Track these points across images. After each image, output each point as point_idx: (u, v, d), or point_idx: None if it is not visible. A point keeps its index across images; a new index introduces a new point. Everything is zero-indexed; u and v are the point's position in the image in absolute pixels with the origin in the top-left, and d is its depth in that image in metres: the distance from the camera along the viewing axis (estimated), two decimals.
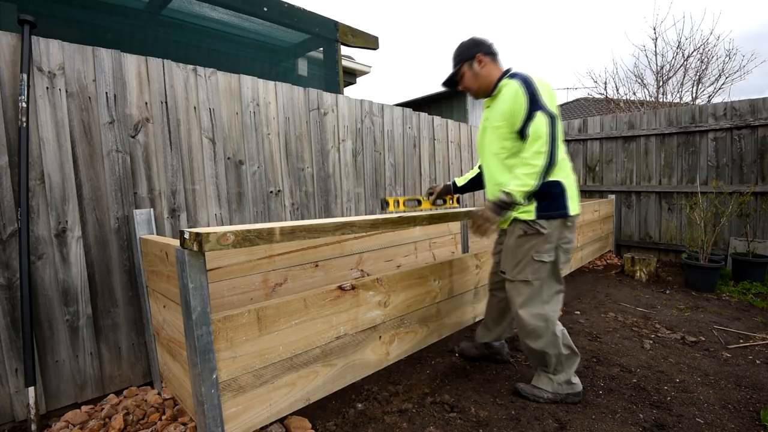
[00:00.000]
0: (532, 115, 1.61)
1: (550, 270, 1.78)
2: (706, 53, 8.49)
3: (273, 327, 1.45)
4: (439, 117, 3.84)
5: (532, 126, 1.61)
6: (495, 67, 1.84)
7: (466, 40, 1.90)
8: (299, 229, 1.33)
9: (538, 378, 1.91)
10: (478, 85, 1.85)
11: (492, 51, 1.85)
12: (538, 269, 1.76)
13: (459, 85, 1.96)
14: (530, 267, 1.77)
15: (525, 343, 1.87)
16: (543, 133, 1.58)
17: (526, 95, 1.64)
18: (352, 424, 1.68)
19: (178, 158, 2.07)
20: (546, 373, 1.87)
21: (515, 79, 1.69)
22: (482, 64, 1.82)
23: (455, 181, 2.33)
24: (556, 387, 1.84)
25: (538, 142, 1.59)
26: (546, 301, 1.80)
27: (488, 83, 1.83)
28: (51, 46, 1.70)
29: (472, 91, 1.90)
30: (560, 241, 1.76)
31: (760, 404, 1.79)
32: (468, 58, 1.84)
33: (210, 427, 1.25)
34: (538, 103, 1.62)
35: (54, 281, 1.71)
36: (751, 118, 4.10)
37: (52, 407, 1.72)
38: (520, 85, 1.66)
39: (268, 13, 3.58)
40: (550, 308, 1.80)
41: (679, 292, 3.62)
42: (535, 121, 1.60)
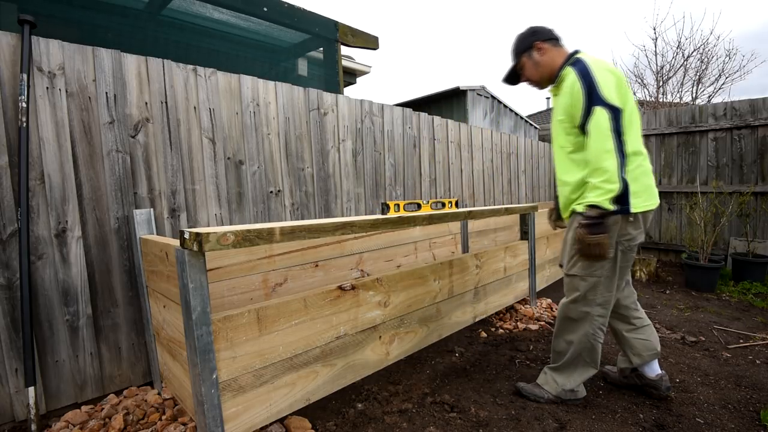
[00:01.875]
0: (591, 110, 1.51)
1: (607, 269, 1.66)
2: (706, 53, 8.50)
3: (273, 327, 1.45)
4: (439, 117, 3.84)
5: (591, 123, 1.50)
6: (558, 52, 1.72)
7: (523, 31, 1.81)
8: (299, 229, 1.33)
9: (543, 377, 1.88)
10: (540, 74, 1.76)
11: (552, 36, 1.74)
12: (591, 264, 1.66)
13: (521, 78, 1.86)
14: (583, 261, 1.68)
15: (557, 332, 1.83)
16: (605, 130, 1.47)
17: (583, 89, 1.53)
18: (352, 424, 1.68)
19: (178, 158, 2.07)
20: (553, 373, 1.84)
21: (574, 69, 1.58)
22: (542, 51, 1.72)
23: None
24: (560, 392, 1.81)
25: (603, 142, 1.48)
26: (598, 302, 1.69)
27: (551, 71, 1.73)
28: (51, 46, 1.70)
29: (535, 82, 1.80)
30: (621, 238, 1.63)
31: (760, 404, 1.79)
32: (526, 49, 1.75)
33: (210, 427, 1.25)
34: (596, 97, 1.49)
35: (54, 281, 1.71)
36: (751, 118, 4.10)
37: (52, 407, 1.72)
38: (577, 76, 1.55)
39: (268, 13, 3.58)
40: (598, 311, 1.71)
41: (679, 292, 3.62)
42: (594, 119, 1.49)
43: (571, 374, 1.80)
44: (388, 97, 50.89)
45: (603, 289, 1.69)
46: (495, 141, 4.74)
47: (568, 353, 1.78)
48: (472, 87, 6.25)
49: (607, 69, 1.56)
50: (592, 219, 1.52)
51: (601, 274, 1.67)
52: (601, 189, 1.50)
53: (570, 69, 1.62)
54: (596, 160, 1.50)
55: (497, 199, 4.83)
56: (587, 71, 1.54)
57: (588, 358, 1.76)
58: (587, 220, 1.53)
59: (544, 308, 3.13)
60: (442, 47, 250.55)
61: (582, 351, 1.75)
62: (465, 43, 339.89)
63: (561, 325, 1.82)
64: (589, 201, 1.53)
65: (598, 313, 1.71)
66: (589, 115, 1.51)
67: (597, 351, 1.76)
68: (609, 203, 1.50)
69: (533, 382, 1.93)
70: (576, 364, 1.78)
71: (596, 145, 1.50)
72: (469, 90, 6.22)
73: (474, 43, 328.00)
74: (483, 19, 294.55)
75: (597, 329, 1.73)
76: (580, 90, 1.54)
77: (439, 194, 3.88)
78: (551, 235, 3.51)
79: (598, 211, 1.51)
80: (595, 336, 1.73)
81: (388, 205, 2.27)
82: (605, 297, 1.70)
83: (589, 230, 1.53)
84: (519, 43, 1.78)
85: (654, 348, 1.83)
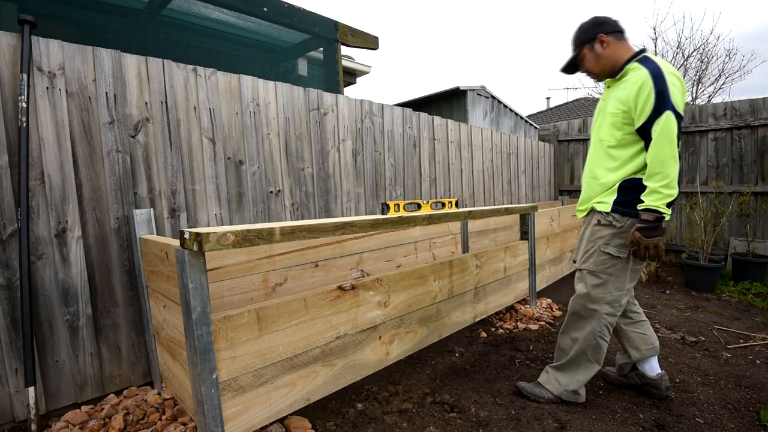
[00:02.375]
0: (660, 113, 1.48)
1: (619, 269, 1.69)
2: (706, 53, 8.50)
3: (273, 327, 1.45)
4: (439, 117, 3.84)
5: (660, 126, 1.48)
6: (622, 46, 1.69)
7: (587, 20, 1.76)
8: (299, 229, 1.33)
9: (545, 376, 1.87)
10: (600, 67, 1.72)
11: (617, 29, 1.70)
12: (604, 262, 1.69)
13: (579, 68, 1.83)
14: (596, 258, 1.71)
15: (563, 329, 1.84)
16: (674, 136, 1.46)
17: (654, 90, 1.49)
18: (352, 424, 1.68)
19: (178, 158, 2.07)
20: (556, 372, 1.84)
21: (645, 67, 1.54)
22: (605, 44, 1.68)
23: None
24: (562, 392, 1.81)
25: (670, 147, 1.47)
26: (607, 300, 1.71)
27: (612, 64, 1.69)
28: (51, 46, 1.70)
29: (594, 74, 1.77)
30: None
31: (760, 404, 1.79)
32: (588, 40, 1.71)
33: (210, 427, 1.25)
34: (668, 101, 1.47)
35: (54, 281, 1.71)
36: (751, 118, 4.10)
37: (52, 407, 1.72)
38: (650, 76, 1.51)
39: (268, 13, 3.58)
40: (607, 310, 1.72)
41: (679, 292, 3.62)
42: (664, 123, 1.47)
43: (574, 373, 1.79)
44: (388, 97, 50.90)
45: (612, 288, 1.69)
46: (495, 141, 4.74)
47: (573, 350, 1.78)
48: (472, 87, 6.26)
49: (676, 75, 1.54)
50: (650, 223, 1.52)
51: (613, 272, 1.68)
52: (660, 194, 1.49)
53: (639, 66, 1.58)
54: (660, 164, 1.48)
55: (497, 199, 4.83)
56: (661, 73, 1.50)
57: (592, 356, 1.76)
58: (645, 224, 1.53)
59: (544, 308, 3.13)
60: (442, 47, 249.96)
61: (587, 348, 1.75)
62: (465, 43, 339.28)
63: (569, 321, 1.83)
64: (647, 205, 1.51)
65: (606, 311, 1.71)
66: (657, 117, 1.48)
67: (602, 350, 1.76)
68: (666, 208, 1.50)
69: (534, 381, 1.92)
70: (579, 363, 1.78)
71: (663, 150, 1.48)
72: (469, 90, 6.22)
73: (474, 43, 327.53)
74: (483, 19, 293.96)
75: (604, 327, 1.73)
76: (651, 91, 1.49)
77: (439, 194, 3.88)
78: (551, 235, 3.51)
79: (655, 215, 1.51)
80: (601, 334, 1.73)
81: (388, 205, 2.27)
82: (614, 296, 1.70)
83: (646, 233, 1.53)
84: (581, 34, 1.74)
85: (652, 343, 1.85)
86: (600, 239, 1.71)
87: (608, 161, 1.69)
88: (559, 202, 5.66)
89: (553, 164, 6.15)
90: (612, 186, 1.68)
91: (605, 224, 1.69)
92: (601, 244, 1.70)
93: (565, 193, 6.09)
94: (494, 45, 66.41)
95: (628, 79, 1.61)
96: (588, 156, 1.85)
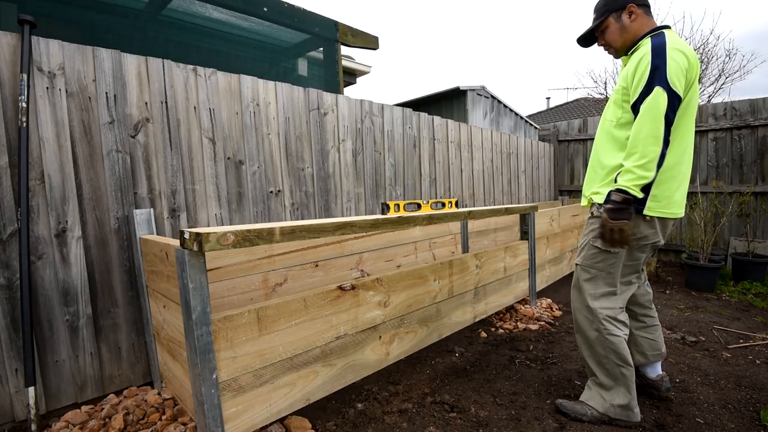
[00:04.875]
0: (650, 89, 1.37)
1: (610, 264, 1.60)
2: (706, 53, 8.49)
3: (273, 327, 1.45)
4: (439, 117, 3.84)
5: (647, 103, 1.38)
6: (646, 20, 1.56)
7: None
8: (299, 229, 1.33)
9: (588, 392, 1.71)
10: (623, 40, 1.58)
11: (646, 2, 1.58)
12: (594, 256, 1.62)
13: (598, 40, 1.67)
14: (586, 251, 1.65)
15: (577, 340, 1.75)
16: (660, 114, 1.35)
17: (651, 65, 1.38)
18: (352, 424, 1.68)
19: (178, 158, 2.07)
20: (598, 388, 1.67)
21: (651, 41, 1.45)
22: (633, 16, 1.55)
23: None
24: (608, 408, 1.62)
25: (654, 126, 1.36)
26: (595, 295, 1.63)
27: (633, 39, 1.56)
28: (51, 46, 1.70)
29: (614, 48, 1.63)
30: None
31: (760, 404, 1.79)
32: (617, 8, 1.57)
33: (210, 427, 1.25)
34: (661, 77, 1.36)
35: (54, 281, 1.71)
36: (751, 118, 4.10)
37: (52, 407, 1.72)
38: (650, 50, 1.41)
39: (268, 13, 3.58)
40: (600, 304, 1.62)
41: (679, 292, 3.62)
42: (652, 98, 1.37)
43: (614, 384, 1.62)
44: (388, 97, 50.94)
45: (603, 284, 1.63)
46: (495, 141, 4.74)
47: (592, 363, 1.67)
48: (472, 87, 6.26)
49: (682, 51, 1.41)
50: (617, 204, 1.43)
51: (603, 267, 1.62)
52: (633, 174, 1.40)
53: (647, 40, 1.48)
54: (640, 142, 1.38)
55: (497, 199, 4.83)
56: (662, 48, 1.40)
57: (617, 359, 1.60)
58: (612, 205, 1.45)
59: (544, 308, 3.13)
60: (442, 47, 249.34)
61: (601, 352, 1.62)
62: (465, 43, 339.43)
63: (577, 330, 1.74)
64: (618, 184, 1.43)
65: (601, 306, 1.63)
66: (647, 94, 1.39)
67: (622, 348, 1.61)
68: (638, 190, 1.41)
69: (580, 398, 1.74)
70: (608, 369, 1.62)
71: (644, 127, 1.38)
72: (469, 90, 6.22)
73: (474, 43, 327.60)
74: (483, 19, 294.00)
75: (604, 321, 1.61)
76: (647, 65, 1.40)
77: (439, 194, 3.88)
78: (551, 235, 3.51)
79: (623, 196, 1.42)
80: (608, 331, 1.61)
81: (388, 205, 2.27)
82: (603, 291, 1.63)
83: (612, 215, 1.45)
84: (610, 1, 1.58)
85: (659, 349, 1.82)
86: (591, 232, 1.64)
87: (611, 143, 1.60)
88: (559, 202, 5.66)
89: (553, 164, 6.15)
90: (612, 173, 1.57)
91: (598, 216, 1.61)
92: (591, 238, 1.64)
93: (565, 193, 6.09)
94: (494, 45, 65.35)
95: (635, 55, 1.51)
96: (595, 141, 1.76)
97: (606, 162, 1.61)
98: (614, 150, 1.58)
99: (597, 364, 1.66)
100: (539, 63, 65.95)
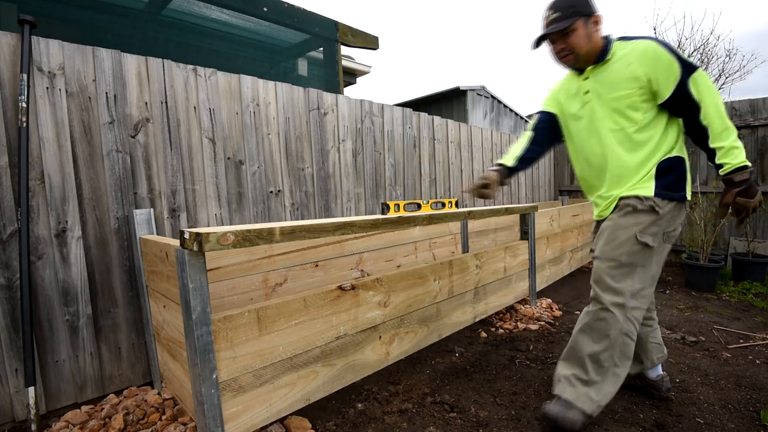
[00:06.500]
0: (693, 71, 1.39)
1: (650, 259, 1.52)
2: (706, 53, 8.48)
3: (273, 327, 1.45)
4: (439, 117, 3.84)
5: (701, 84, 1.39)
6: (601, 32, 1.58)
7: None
8: (299, 229, 1.33)
9: (573, 390, 1.54)
10: (588, 48, 1.54)
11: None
12: (637, 252, 1.50)
13: (560, 42, 1.56)
14: (628, 246, 1.50)
15: (580, 337, 1.59)
16: (716, 89, 1.39)
17: (672, 55, 1.40)
18: (352, 424, 1.68)
19: (178, 158, 2.07)
20: (585, 386, 1.55)
21: (645, 40, 1.46)
22: (597, 27, 1.54)
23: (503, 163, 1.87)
24: (595, 409, 1.53)
25: (719, 101, 1.39)
26: (632, 292, 1.51)
27: (596, 49, 1.55)
28: (51, 46, 1.70)
29: (576, 54, 1.55)
30: (668, 228, 1.51)
31: (760, 404, 1.79)
32: (587, 14, 1.52)
33: (210, 427, 1.25)
34: (690, 61, 1.39)
35: (54, 281, 1.71)
36: (751, 118, 4.10)
37: (52, 407, 1.72)
38: (658, 44, 1.43)
39: (268, 13, 3.58)
40: (633, 303, 1.52)
41: (679, 292, 3.62)
42: (703, 80, 1.39)
43: (603, 381, 1.55)
44: (388, 97, 50.90)
45: (638, 279, 1.52)
46: (495, 141, 4.74)
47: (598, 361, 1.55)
48: (472, 87, 6.26)
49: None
50: (747, 182, 1.38)
51: (641, 262, 1.52)
52: (738, 148, 1.37)
53: (626, 42, 1.51)
54: (723, 119, 1.38)
55: (497, 199, 4.83)
56: (664, 41, 1.44)
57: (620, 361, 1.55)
58: (744, 185, 1.38)
59: (544, 308, 3.12)
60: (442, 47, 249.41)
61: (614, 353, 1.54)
62: (465, 43, 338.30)
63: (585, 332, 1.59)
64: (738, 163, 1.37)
65: (632, 305, 1.52)
66: (690, 76, 1.39)
67: (632, 349, 1.56)
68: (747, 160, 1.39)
69: (560, 401, 1.56)
70: (606, 372, 1.55)
71: (717, 104, 1.39)
72: (469, 90, 6.22)
73: (474, 43, 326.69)
74: (483, 19, 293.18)
75: (631, 324, 1.52)
76: (669, 57, 1.40)
77: (439, 194, 3.88)
78: (551, 235, 3.51)
79: (748, 172, 1.38)
80: (629, 332, 1.53)
81: (388, 205, 2.26)
82: (638, 287, 1.52)
83: (749, 193, 1.39)
84: (578, 4, 1.53)
85: (663, 351, 1.80)
86: (636, 226, 1.50)
87: (629, 145, 1.53)
88: (559, 202, 5.66)
89: (553, 164, 6.15)
90: (649, 170, 1.52)
91: (644, 210, 1.50)
92: (637, 232, 1.50)
93: (565, 193, 6.09)
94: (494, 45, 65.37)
95: (627, 57, 1.49)
96: (591, 158, 1.66)
97: (630, 163, 1.55)
98: (634, 151, 1.54)
99: (594, 363, 1.55)
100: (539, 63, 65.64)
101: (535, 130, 1.89)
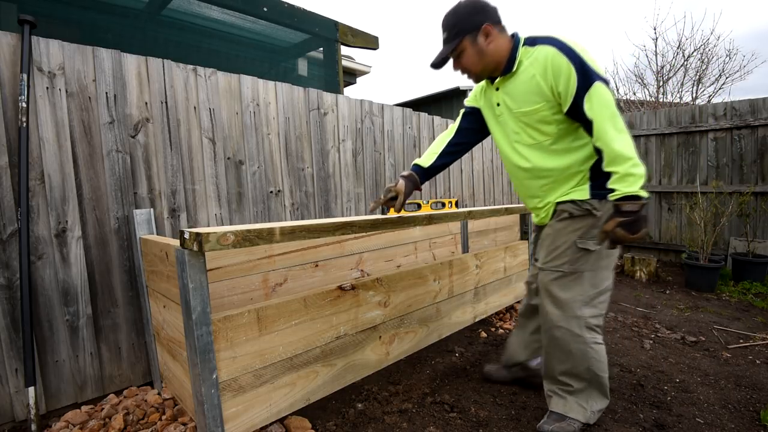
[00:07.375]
0: (590, 86, 1.26)
1: (597, 262, 1.44)
2: (706, 53, 8.49)
3: (273, 327, 1.45)
4: (439, 117, 3.84)
5: (597, 102, 1.26)
6: (503, 38, 1.42)
7: (464, 3, 1.41)
8: (299, 229, 1.33)
9: (563, 403, 1.53)
10: (483, 65, 1.43)
11: (499, 18, 1.42)
12: (580, 258, 1.43)
13: (455, 63, 1.48)
14: (570, 255, 1.44)
15: (546, 358, 1.56)
16: (613, 107, 1.25)
17: (573, 64, 1.27)
18: (352, 424, 1.68)
19: (178, 158, 2.07)
20: (574, 396, 1.53)
21: (545, 46, 1.33)
22: (490, 38, 1.39)
23: (419, 164, 1.74)
24: (589, 416, 1.52)
25: (613, 122, 1.25)
26: (585, 300, 1.44)
27: (497, 60, 1.43)
28: (51, 46, 1.70)
29: (473, 73, 1.48)
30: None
31: (760, 404, 1.79)
32: (471, 30, 1.39)
33: (210, 427, 1.25)
34: (591, 71, 1.26)
35: (54, 281, 1.71)
36: (751, 118, 4.10)
37: (52, 407, 1.72)
38: (558, 52, 1.29)
39: (268, 13, 3.58)
40: (589, 312, 1.45)
41: (679, 292, 3.62)
42: (600, 95, 1.25)
43: (589, 387, 1.53)
44: (388, 97, 50.88)
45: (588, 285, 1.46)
46: None
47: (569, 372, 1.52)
48: (472, 87, 6.26)
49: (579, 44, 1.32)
50: (635, 214, 1.22)
51: (586, 267, 1.45)
52: (634, 176, 1.23)
53: (531, 48, 1.37)
54: (617, 143, 1.24)
55: (497, 199, 4.83)
56: (565, 45, 1.30)
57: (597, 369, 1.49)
58: (629, 217, 1.22)
59: None
60: None
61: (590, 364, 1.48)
62: None
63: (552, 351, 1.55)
64: (625, 192, 1.23)
65: (589, 314, 1.46)
66: (586, 92, 1.26)
67: (603, 355, 1.51)
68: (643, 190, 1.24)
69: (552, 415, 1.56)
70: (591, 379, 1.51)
71: (611, 126, 1.25)
72: (469, 90, 6.22)
73: None
74: None
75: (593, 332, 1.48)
76: (569, 66, 1.27)
77: (439, 194, 3.88)
78: None
79: (639, 203, 1.23)
80: (594, 340, 1.48)
81: None
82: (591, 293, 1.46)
83: (631, 228, 1.23)
84: (460, 21, 1.40)
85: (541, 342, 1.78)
86: (574, 233, 1.44)
87: (561, 155, 1.44)
88: None
89: None
90: (584, 174, 1.44)
91: (580, 215, 1.43)
92: (576, 238, 1.44)
93: None
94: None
95: (531, 68, 1.37)
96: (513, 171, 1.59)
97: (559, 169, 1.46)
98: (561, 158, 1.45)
99: (572, 376, 1.51)
100: None
101: (459, 125, 1.78)
